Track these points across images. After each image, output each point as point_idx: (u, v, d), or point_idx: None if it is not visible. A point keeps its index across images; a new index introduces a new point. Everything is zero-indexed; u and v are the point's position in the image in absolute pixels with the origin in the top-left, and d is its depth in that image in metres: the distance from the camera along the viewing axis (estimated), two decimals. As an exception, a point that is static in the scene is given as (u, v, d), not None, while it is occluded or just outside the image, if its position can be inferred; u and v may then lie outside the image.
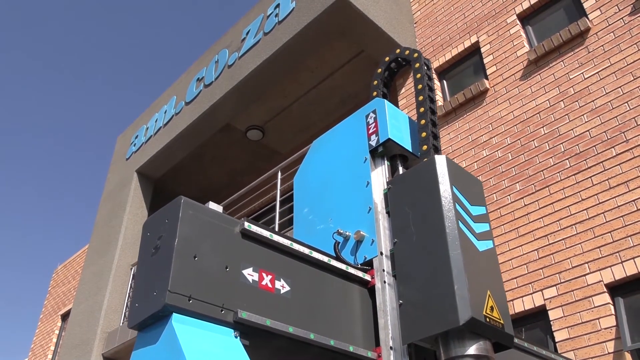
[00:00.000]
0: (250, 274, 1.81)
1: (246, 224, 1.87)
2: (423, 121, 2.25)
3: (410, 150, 2.32)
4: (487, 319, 1.82)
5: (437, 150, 2.21)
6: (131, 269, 9.19)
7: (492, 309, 1.86)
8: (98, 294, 8.93)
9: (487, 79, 6.50)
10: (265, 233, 1.90)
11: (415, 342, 1.92)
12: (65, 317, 14.60)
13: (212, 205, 1.88)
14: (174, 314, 1.60)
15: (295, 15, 7.26)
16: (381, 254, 2.10)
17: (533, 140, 5.84)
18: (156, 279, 1.67)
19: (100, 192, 11.72)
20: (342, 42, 7.31)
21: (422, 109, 2.28)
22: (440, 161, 2.04)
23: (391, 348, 1.94)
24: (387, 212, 2.17)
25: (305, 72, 7.82)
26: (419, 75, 2.35)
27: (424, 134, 2.23)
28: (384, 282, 2.05)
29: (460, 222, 1.94)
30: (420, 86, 2.33)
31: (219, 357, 1.58)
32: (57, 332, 14.68)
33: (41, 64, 50.29)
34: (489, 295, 1.88)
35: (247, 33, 8.27)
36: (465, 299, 1.79)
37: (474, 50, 6.92)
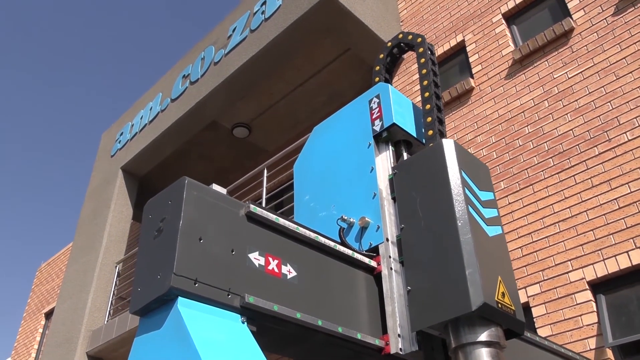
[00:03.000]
0: (256, 258, 1.71)
1: (252, 207, 1.77)
2: (428, 106, 2.17)
3: (415, 135, 2.23)
4: (499, 305, 1.74)
5: (443, 135, 2.13)
6: (116, 266, 8.98)
7: (503, 294, 1.78)
8: (82, 292, 8.71)
9: (472, 77, 6.47)
10: (271, 216, 1.80)
11: (424, 329, 1.83)
12: (49, 315, 14.28)
13: (216, 187, 1.77)
14: (180, 298, 1.49)
15: (281, 12, 7.16)
16: (387, 240, 2.01)
17: (517, 139, 5.82)
18: (160, 262, 1.56)
19: (85, 189, 11.47)
20: (329, 40, 7.22)
21: (427, 94, 2.20)
22: (449, 145, 1.96)
23: (399, 336, 1.85)
24: (393, 198, 2.08)
25: (291, 69, 7.72)
26: (422, 60, 2.27)
27: (429, 119, 2.15)
28: (391, 268, 1.96)
29: (470, 207, 1.86)
30: (424, 71, 2.25)
31: (228, 342, 1.48)
32: (40, 330, 14.36)
33: (24, 59, 49.38)
34: (500, 281, 1.80)
35: (234, 30, 8.14)
36: (478, 284, 1.71)
37: (460, 49, 6.89)
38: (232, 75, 7.70)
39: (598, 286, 4.82)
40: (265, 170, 7.23)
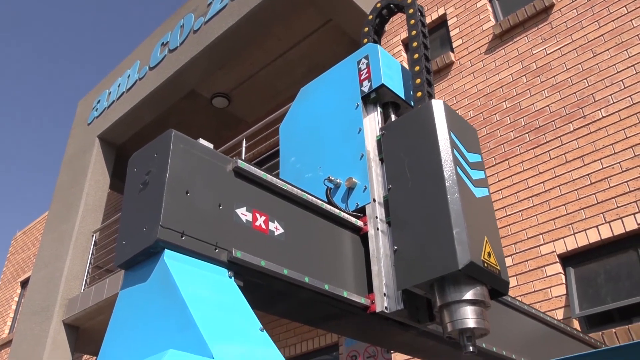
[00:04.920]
0: (243, 214, 1.67)
1: (239, 162, 1.71)
2: (417, 67, 2.12)
3: (403, 97, 2.19)
4: (485, 264, 1.73)
5: (432, 97, 2.09)
6: (92, 235, 8.84)
7: (489, 254, 1.77)
8: (58, 260, 8.57)
9: (452, 52, 6.43)
10: (259, 173, 1.75)
11: (410, 288, 1.82)
12: (24, 284, 14.07)
13: (203, 141, 1.71)
14: (166, 251, 1.44)
15: (263, -19, 7.00)
16: (374, 200, 1.98)
17: (495, 114, 5.83)
18: (146, 214, 1.50)
19: (61, 157, 11.21)
20: (310, 10, 7.09)
21: (416, 55, 2.16)
22: (438, 106, 1.93)
23: (385, 295, 1.83)
24: (381, 159, 2.05)
25: (272, 39, 7.58)
26: (412, 22, 2.22)
27: (418, 80, 2.11)
28: (377, 229, 1.94)
29: (458, 168, 1.83)
30: (414, 32, 2.20)
31: (216, 295, 1.43)
32: (16, 299, 14.16)
33: (-5, 31, 47.81)
34: (486, 241, 1.79)
35: (215, -2, 7.95)
36: (465, 244, 1.69)
37: (441, 23, 6.84)
38: (212, 43, 7.54)
39: (568, 259, 4.90)
40: (244, 141, 7.14)
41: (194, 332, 1.24)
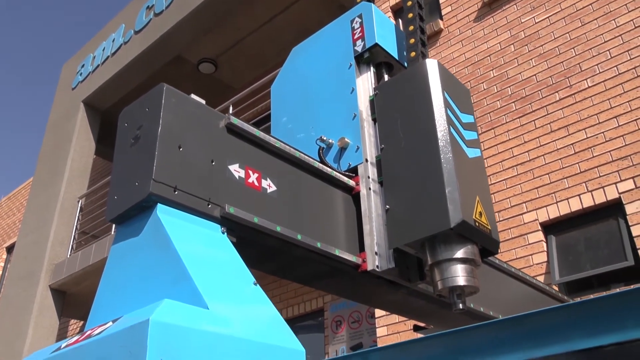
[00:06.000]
0: (236, 170, 1.64)
1: (232, 119, 1.68)
2: (411, 27, 2.08)
3: (397, 58, 2.16)
4: (476, 223, 1.73)
5: (426, 57, 2.05)
6: (78, 201, 8.75)
7: (480, 214, 1.77)
8: (44, 226, 8.48)
9: (441, 19, 6.36)
10: (252, 129, 1.72)
11: (401, 247, 1.81)
12: (10, 249, 13.95)
13: (195, 97, 1.67)
14: (159, 205, 1.41)
15: (252, -56, 6.82)
16: (366, 160, 1.96)
17: (482, 82, 5.81)
18: (138, 169, 1.47)
19: (46, 121, 11.01)
20: (299, -25, 6.96)
21: (410, 15, 2.11)
22: (432, 65, 1.89)
23: (376, 253, 1.83)
24: (373, 119, 2.02)
25: (259, 4, 7.43)
26: (407, -19, 2.17)
27: (412, 40, 2.07)
28: (369, 188, 1.92)
29: (451, 128, 1.81)
30: (409, -8, 2.16)
31: (209, 249, 1.41)
32: (2, 264, 14.06)
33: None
34: (478, 201, 1.78)
35: (201, -39, 7.74)
36: (457, 202, 1.69)
37: (431, -10, 6.74)
38: (198, 7, 7.37)
39: (549, 227, 4.95)
40: (231, 108, 7.06)
41: (188, 284, 1.22)
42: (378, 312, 5.59)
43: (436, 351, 1.12)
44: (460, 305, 1.73)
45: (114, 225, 8.14)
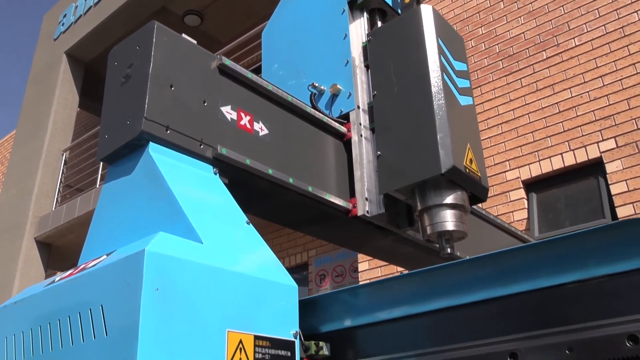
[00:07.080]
0: (228, 112, 1.61)
1: (224, 60, 1.64)
2: (406, -27, 2.04)
3: (391, 4, 2.11)
4: (467, 170, 1.73)
5: (420, 4, 2.01)
6: (62, 154, 8.62)
7: (471, 161, 1.77)
8: (28, 178, 8.37)
9: (432, -25, 6.24)
10: (244, 71, 1.68)
11: (391, 193, 1.82)
12: (-8, 201, 13.78)
13: (186, 37, 1.62)
14: (151, 143, 1.38)
15: None
16: (358, 107, 1.94)
17: (471, 39, 5.76)
18: (129, 107, 1.43)
19: (28, 73, 10.73)
20: None
21: (405, -40, 2.06)
22: (427, 11, 1.86)
23: (367, 199, 1.83)
24: (366, 66, 1.99)
25: (248, -44, 7.22)
26: None
27: (407, -14, 2.03)
28: (361, 135, 1.91)
29: (444, 75, 1.79)
30: (404, -64, 2.10)
31: (201, 188, 1.40)
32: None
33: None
34: (469, 148, 1.78)
35: None
36: (448, 148, 1.68)
37: (422, -55, 6.59)
38: (185, -43, 7.14)
39: (531, 185, 5.01)
40: (218, 61, 6.92)
41: (182, 221, 1.21)
42: (361, 266, 5.67)
43: (412, 288, 1.18)
44: (449, 250, 1.74)
45: (98, 180, 8.04)
